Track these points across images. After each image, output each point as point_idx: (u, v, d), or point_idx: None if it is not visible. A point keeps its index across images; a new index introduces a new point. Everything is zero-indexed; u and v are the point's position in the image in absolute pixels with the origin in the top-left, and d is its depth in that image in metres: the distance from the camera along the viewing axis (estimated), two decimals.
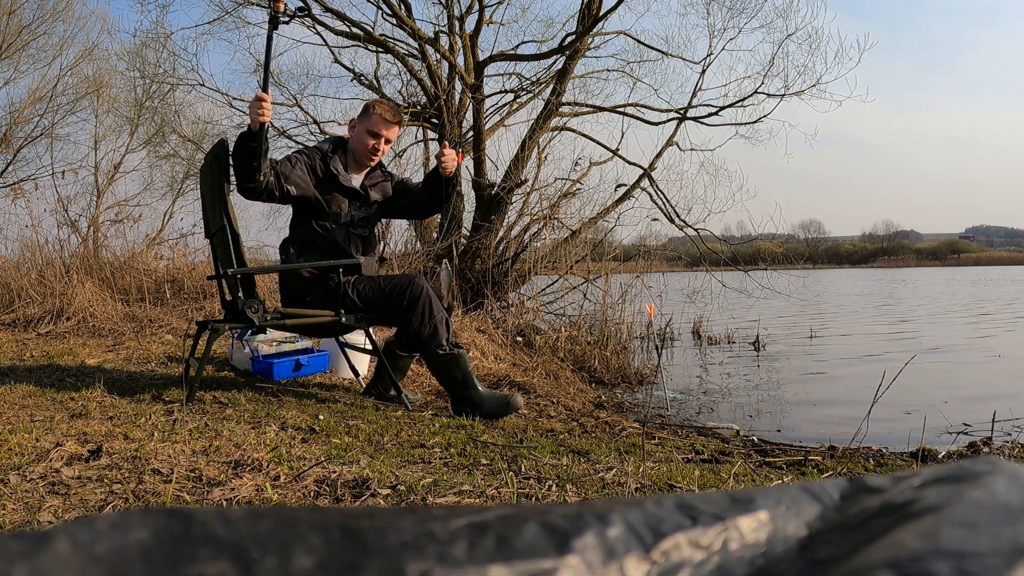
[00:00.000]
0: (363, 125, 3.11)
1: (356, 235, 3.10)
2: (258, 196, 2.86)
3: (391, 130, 3.12)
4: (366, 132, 3.09)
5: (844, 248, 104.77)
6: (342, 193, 3.06)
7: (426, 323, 2.94)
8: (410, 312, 2.94)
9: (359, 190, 3.10)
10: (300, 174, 2.97)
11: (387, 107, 3.13)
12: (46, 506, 1.65)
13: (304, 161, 3.01)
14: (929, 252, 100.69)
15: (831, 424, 3.98)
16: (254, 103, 2.74)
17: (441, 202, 3.16)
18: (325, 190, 3.02)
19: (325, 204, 3.03)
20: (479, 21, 8.89)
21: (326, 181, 3.03)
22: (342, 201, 3.06)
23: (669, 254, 9.75)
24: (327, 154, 3.07)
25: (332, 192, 3.04)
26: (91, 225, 8.52)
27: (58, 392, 3.02)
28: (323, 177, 3.03)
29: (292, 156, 3.02)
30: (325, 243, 3.04)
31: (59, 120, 13.97)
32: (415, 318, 2.94)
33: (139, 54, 10.62)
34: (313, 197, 3.00)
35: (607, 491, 1.92)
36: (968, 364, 6.56)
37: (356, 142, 3.12)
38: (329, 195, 3.03)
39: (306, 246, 3.06)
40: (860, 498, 0.38)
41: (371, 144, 3.08)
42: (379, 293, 2.99)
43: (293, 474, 1.92)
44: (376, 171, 3.21)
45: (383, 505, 1.65)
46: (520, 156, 8.26)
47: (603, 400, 4.39)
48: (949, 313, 12.91)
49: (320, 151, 3.09)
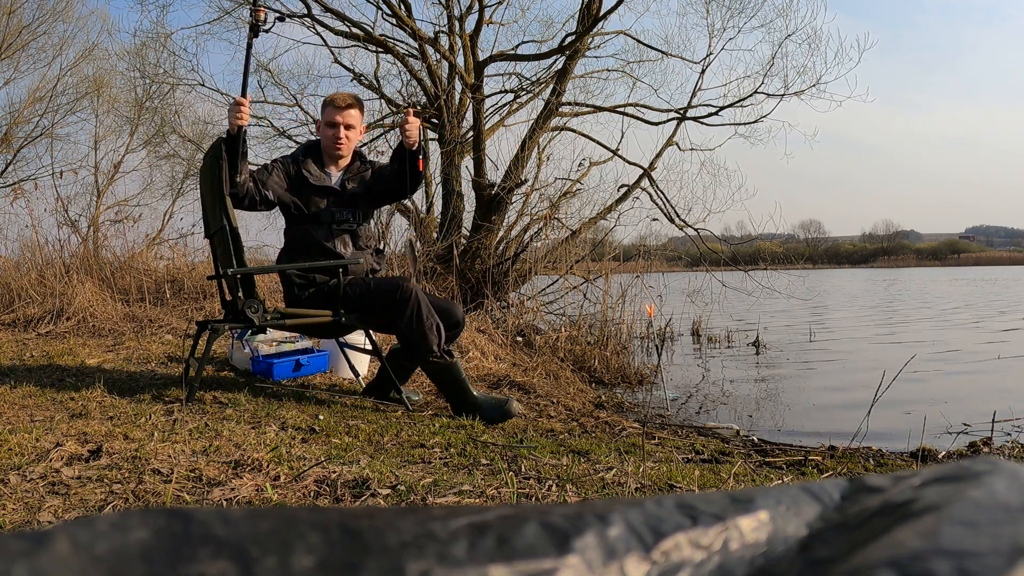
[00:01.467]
0: (322, 120, 3.17)
1: (341, 231, 3.10)
2: (242, 203, 2.92)
3: (346, 114, 3.11)
4: (325, 125, 3.14)
5: (844, 248, 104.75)
6: (318, 193, 3.08)
7: (414, 328, 2.91)
8: (399, 317, 2.92)
9: (334, 186, 3.11)
10: (276, 179, 3.02)
11: (338, 94, 3.16)
12: (46, 506, 1.65)
13: (279, 168, 3.06)
14: (929, 252, 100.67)
15: (831, 424, 3.98)
16: (232, 107, 2.81)
17: (413, 177, 3.04)
18: (301, 193, 3.06)
19: (304, 206, 3.06)
20: (479, 21, 8.89)
21: (299, 184, 3.07)
22: (320, 200, 3.08)
23: (669, 254, 9.74)
24: (297, 157, 3.12)
25: (308, 194, 3.07)
26: (91, 225, 8.52)
27: (58, 392, 3.02)
28: (295, 180, 3.07)
29: (268, 164, 3.09)
30: (311, 245, 3.06)
31: (59, 120, 13.99)
32: (402, 322, 2.92)
33: (139, 54, 10.64)
34: (290, 202, 3.04)
35: (607, 491, 1.92)
36: (968, 364, 6.56)
37: (322, 138, 3.17)
38: (306, 197, 3.06)
39: (294, 251, 3.09)
40: (860, 498, 0.38)
41: (331, 134, 3.11)
42: (367, 294, 2.99)
43: (293, 474, 1.92)
44: (356, 163, 3.21)
45: (383, 505, 1.65)
46: (520, 156, 8.26)
47: (603, 400, 4.39)
48: (950, 313, 12.91)
49: (292, 156, 3.14)
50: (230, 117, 2.81)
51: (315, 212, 3.06)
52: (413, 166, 3.00)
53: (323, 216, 3.06)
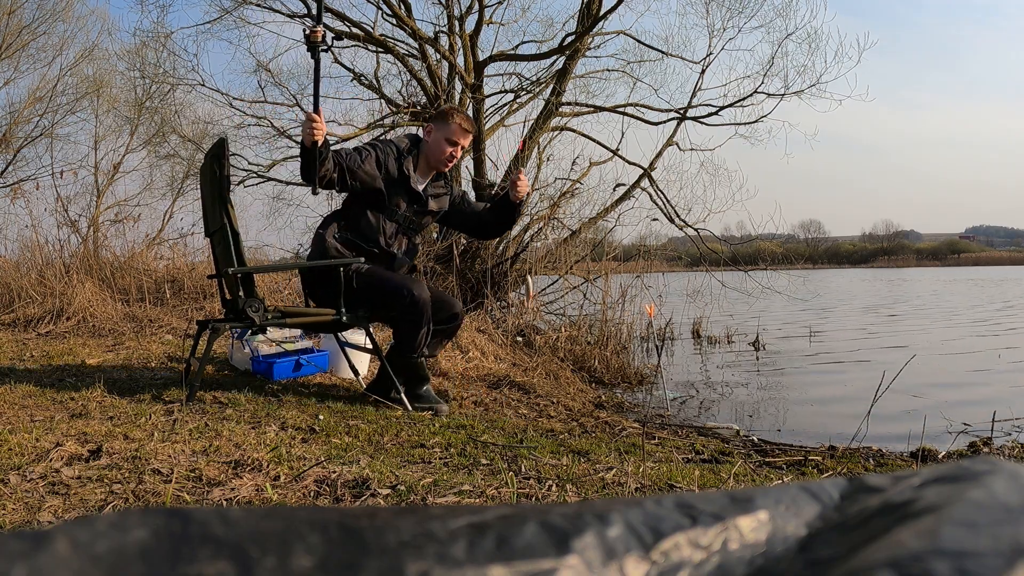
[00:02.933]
0: (441, 132, 3.15)
1: (404, 236, 3.18)
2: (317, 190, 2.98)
3: (467, 139, 3.20)
4: (444, 140, 3.14)
5: (844, 248, 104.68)
6: (405, 194, 3.12)
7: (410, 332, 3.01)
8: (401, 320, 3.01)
9: (421, 194, 3.16)
10: (368, 169, 3.03)
11: (464, 116, 3.20)
12: (46, 506, 1.65)
13: (376, 156, 3.06)
14: (929, 252, 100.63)
15: (831, 424, 3.98)
16: (305, 124, 2.82)
17: (509, 226, 3.42)
18: (391, 186, 3.08)
19: (387, 198, 3.08)
20: (479, 21, 8.88)
21: (396, 179, 3.09)
22: (402, 201, 3.12)
23: (669, 254, 9.73)
24: (403, 153, 3.13)
25: (397, 189, 3.09)
26: (91, 225, 8.51)
27: (58, 392, 3.02)
28: (394, 175, 3.09)
29: (364, 149, 3.07)
30: (371, 231, 3.09)
31: (59, 120, 13.97)
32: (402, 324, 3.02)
33: (139, 54, 10.61)
34: (374, 190, 3.06)
35: (607, 491, 1.92)
36: (969, 364, 6.56)
37: (432, 148, 3.17)
38: (392, 191, 3.08)
39: (352, 228, 3.10)
40: (860, 498, 0.38)
41: (448, 151, 3.14)
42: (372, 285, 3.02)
43: (293, 474, 1.92)
44: (440, 180, 3.26)
45: (383, 505, 1.65)
46: (520, 156, 8.26)
47: (603, 400, 4.39)
48: (951, 313, 12.91)
49: (396, 148, 3.13)
50: (304, 132, 2.81)
51: (392, 208, 3.10)
52: (513, 218, 3.32)
53: (397, 215, 3.12)
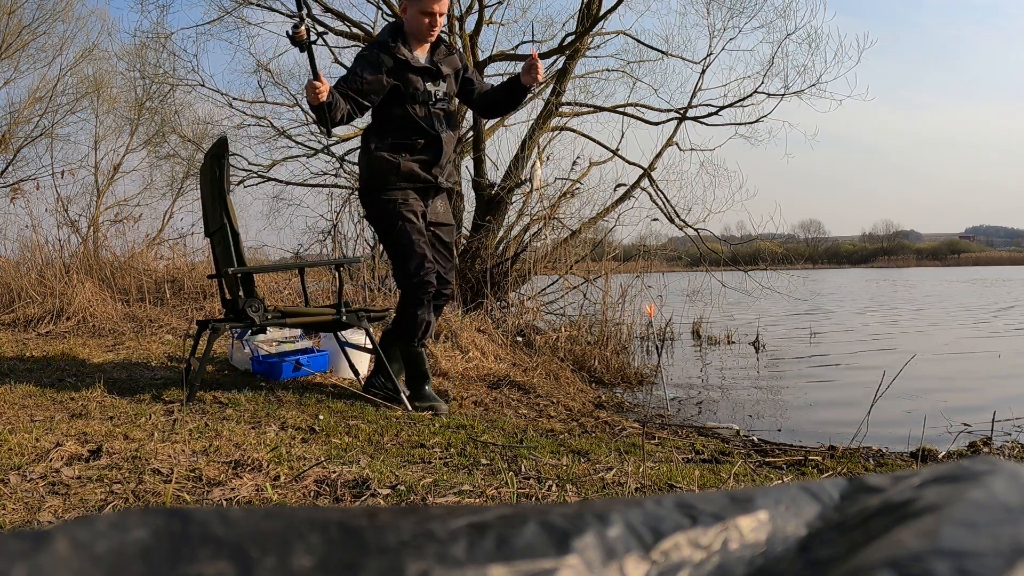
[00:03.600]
0: (414, 6, 3.10)
1: (438, 111, 3.15)
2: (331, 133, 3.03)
3: (442, 3, 3.12)
4: (419, 13, 3.09)
5: (844, 248, 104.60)
6: (416, 73, 3.10)
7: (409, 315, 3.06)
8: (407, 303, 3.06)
9: (430, 66, 3.14)
10: (370, 79, 3.01)
11: None
12: (46, 506, 1.65)
13: (369, 63, 3.04)
14: (929, 252, 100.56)
15: (831, 424, 3.97)
16: (308, 90, 2.85)
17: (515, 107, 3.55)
18: (399, 75, 3.06)
19: (403, 86, 3.07)
20: (479, 21, 8.88)
21: (396, 68, 3.07)
22: (417, 80, 3.10)
23: (669, 254, 9.72)
24: (387, 43, 3.10)
25: (406, 74, 3.07)
26: (91, 225, 8.51)
27: (58, 392, 3.02)
28: (392, 66, 3.06)
29: (355, 65, 3.06)
30: (407, 123, 3.08)
31: (59, 120, 13.98)
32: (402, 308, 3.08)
33: (139, 54, 10.61)
34: (392, 85, 3.05)
35: (607, 491, 1.92)
36: (969, 364, 6.56)
37: (412, 23, 3.12)
38: (403, 78, 3.07)
39: (390, 131, 3.09)
40: (860, 498, 0.38)
41: (427, 22, 3.09)
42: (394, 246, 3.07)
43: (293, 474, 1.92)
44: (440, 46, 3.23)
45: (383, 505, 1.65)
46: (520, 156, 8.26)
47: (603, 400, 4.39)
48: (951, 313, 12.91)
49: (380, 43, 3.12)
50: (308, 96, 2.85)
51: (412, 92, 3.08)
52: (520, 100, 3.37)
53: (420, 96, 3.10)
